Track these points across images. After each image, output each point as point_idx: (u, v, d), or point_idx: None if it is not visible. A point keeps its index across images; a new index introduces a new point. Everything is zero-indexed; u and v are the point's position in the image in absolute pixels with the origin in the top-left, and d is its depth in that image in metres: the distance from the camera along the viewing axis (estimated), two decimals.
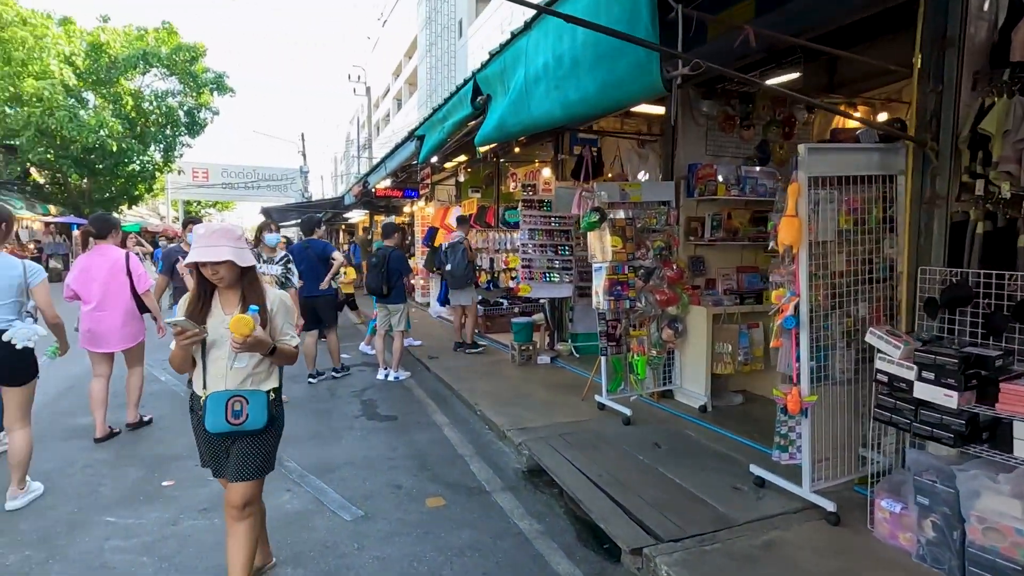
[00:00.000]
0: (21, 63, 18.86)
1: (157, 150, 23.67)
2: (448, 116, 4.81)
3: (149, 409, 4.92)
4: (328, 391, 5.64)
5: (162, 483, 3.42)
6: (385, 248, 6.06)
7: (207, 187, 33.69)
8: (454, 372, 6.04)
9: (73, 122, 19.07)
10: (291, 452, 3.95)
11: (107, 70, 21.11)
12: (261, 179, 30.93)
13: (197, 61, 22.79)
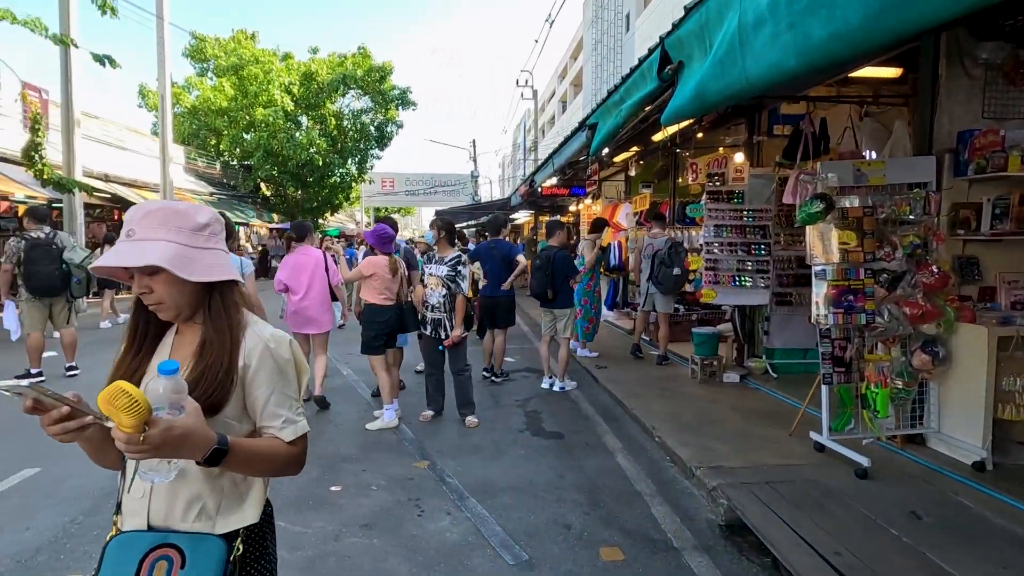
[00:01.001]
0: (254, 95, 22.56)
1: (353, 163, 26.67)
2: (626, 97, 4.21)
3: (331, 404, 5.13)
4: (492, 397, 5.40)
5: (331, 488, 3.37)
6: (550, 248, 5.66)
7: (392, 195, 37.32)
8: (626, 386, 5.41)
9: (290, 142, 22.30)
10: (452, 465, 3.70)
11: (315, 95, 24.28)
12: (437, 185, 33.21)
13: (386, 79, 25.15)
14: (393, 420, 4.47)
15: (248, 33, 24.66)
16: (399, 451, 3.97)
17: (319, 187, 25.71)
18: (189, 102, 23.85)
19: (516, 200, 14.01)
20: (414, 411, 4.85)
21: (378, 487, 3.38)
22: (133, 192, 15.18)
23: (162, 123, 15.14)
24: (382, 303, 4.53)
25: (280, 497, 3.23)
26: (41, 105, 13.10)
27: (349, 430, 4.41)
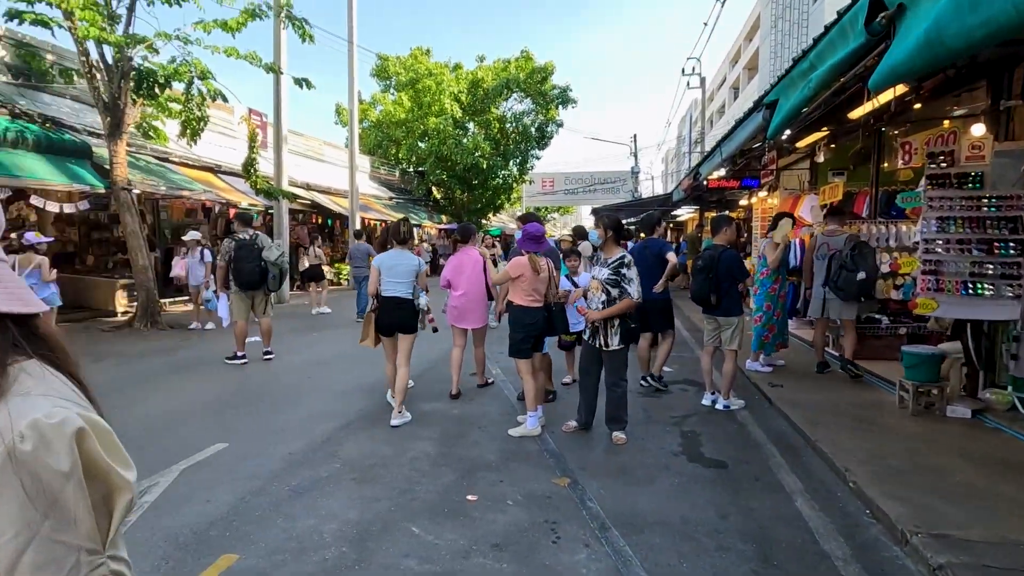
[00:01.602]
0: (428, 106, 24.39)
1: (515, 164, 27.50)
2: (818, 62, 3.47)
3: (476, 405, 5.12)
4: (644, 411, 4.93)
5: (467, 496, 3.25)
6: (715, 247, 4.98)
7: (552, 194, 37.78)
8: (808, 411, 4.55)
9: (458, 148, 23.70)
10: (594, 487, 3.36)
11: (481, 101, 25.48)
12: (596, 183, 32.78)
13: (547, 80, 25.46)
14: (536, 428, 4.27)
15: (424, 49, 26.74)
16: (539, 463, 3.75)
17: (483, 189, 26.93)
18: (375, 116, 26.63)
19: (679, 195, 13.06)
20: (560, 421, 4.61)
21: (514, 502, 3.18)
22: (328, 199, 17.29)
23: (351, 136, 17.00)
24: (529, 304, 4.35)
25: (418, 499, 3.20)
26: (260, 126, 15.53)
27: (491, 434, 4.31)
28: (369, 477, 3.50)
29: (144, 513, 3.00)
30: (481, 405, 5.09)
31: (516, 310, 4.38)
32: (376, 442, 4.13)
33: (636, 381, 5.71)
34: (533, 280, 4.31)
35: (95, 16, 7.84)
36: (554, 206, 41.27)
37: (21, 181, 7.98)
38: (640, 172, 32.95)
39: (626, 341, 4.14)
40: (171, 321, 9.57)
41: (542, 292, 4.40)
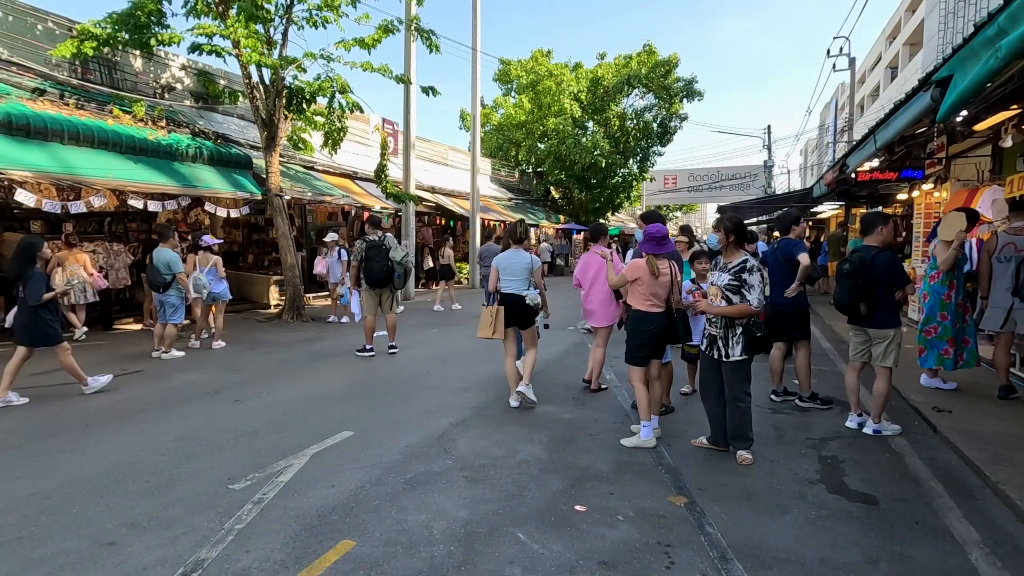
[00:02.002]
0: (547, 107, 24.53)
1: (635, 162, 26.72)
2: (1011, 25, 2.88)
3: (589, 410, 4.99)
4: (775, 429, 4.47)
5: (575, 506, 3.15)
6: (866, 249, 4.34)
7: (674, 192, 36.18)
8: (987, 445, 3.82)
9: (576, 147, 23.53)
10: (714, 510, 3.08)
11: (601, 99, 25.08)
12: (723, 179, 30.80)
13: (671, 73, 24.40)
14: (650, 439, 4.04)
15: (544, 51, 26.94)
16: (654, 478, 3.53)
17: (602, 188, 26.50)
18: (496, 120, 27.36)
19: (820, 190, 11.78)
20: (677, 433, 4.33)
21: (625, 518, 3.01)
22: (451, 201, 18.07)
23: (473, 140, 17.58)
24: (648, 310, 4.11)
25: (524, 504, 3.16)
26: (392, 134, 16.62)
27: (603, 442, 4.15)
28: (479, 477, 3.53)
29: (280, 492, 3.28)
30: (594, 411, 4.95)
31: (634, 315, 4.18)
32: (487, 442, 4.17)
33: (765, 396, 5.23)
34: (652, 284, 4.07)
35: (256, 43, 8.86)
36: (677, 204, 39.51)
37: (198, 190, 9.27)
38: (774, 166, 30.36)
39: (750, 352, 3.77)
40: (313, 314, 10.57)
41: (662, 296, 4.14)
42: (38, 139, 7.55)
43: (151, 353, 7.06)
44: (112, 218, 10.35)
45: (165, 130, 9.64)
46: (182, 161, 9.52)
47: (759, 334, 3.77)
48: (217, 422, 4.62)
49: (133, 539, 2.77)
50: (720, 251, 4.06)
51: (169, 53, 11.15)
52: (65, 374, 5.41)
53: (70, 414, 4.81)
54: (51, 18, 9.50)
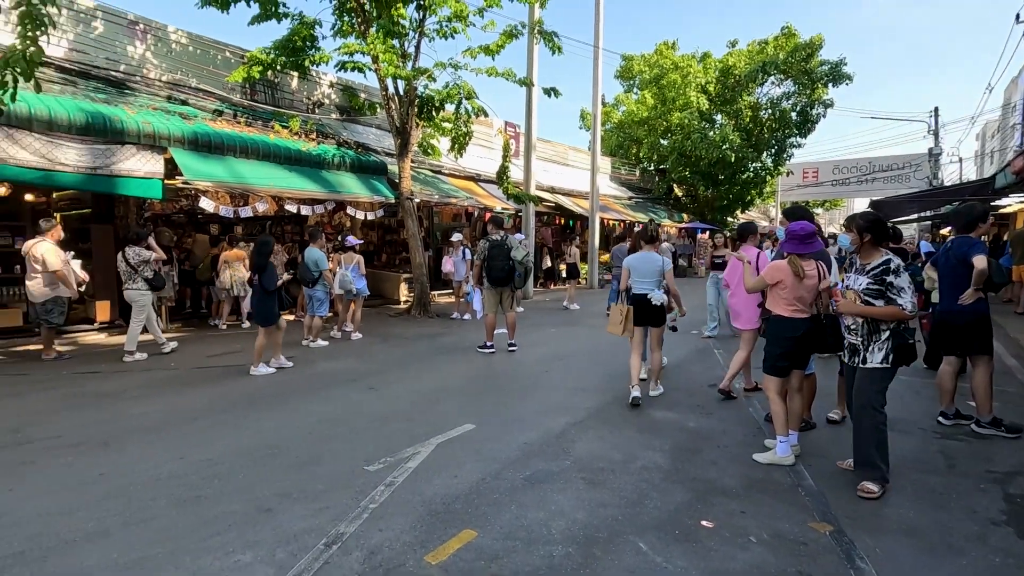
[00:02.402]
0: (672, 101, 23.55)
1: (768, 155, 24.73)
2: None
3: (715, 419, 4.69)
4: (944, 458, 3.86)
5: (701, 521, 2.96)
6: None
7: (816, 186, 32.94)
8: None
9: (703, 142, 22.27)
10: (869, 544, 2.73)
11: (732, 89, 23.53)
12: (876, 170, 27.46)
13: (813, 56, 22.23)
14: (788, 456, 3.69)
15: (669, 43, 25.90)
16: (792, 500, 3.21)
17: (730, 184, 24.89)
18: (617, 117, 26.84)
19: (1005, 179, 10.02)
20: (820, 451, 3.91)
21: (758, 540, 2.78)
22: (570, 201, 18.06)
23: (593, 139, 17.40)
24: (791, 315, 3.74)
25: (645, 513, 3.04)
26: (514, 137, 16.99)
27: (731, 455, 3.87)
28: (598, 480, 3.46)
29: (408, 477, 3.48)
30: (721, 421, 4.64)
31: (775, 321, 3.80)
32: (606, 444, 4.09)
33: (930, 418, 4.55)
34: (796, 287, 3.68)
35: (393, 57, 9.53)
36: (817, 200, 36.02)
37: (342, 195, 10.19)
38: (941, 154, 26.42)
39: (895, 362, 3.30)
40: (438, 311, 11.14)
41: (808, 301, 3.75)
42: (216, 153, 8.77)
43: (301, 341, 7.88)
44: (272, 221, 11.73)
45: (315, 142, 10.72)
46: (328, 169, 10.52)
47: (910, 341, 3.29)
48: (354, 407, 5.03)
49: (286, 508, 3.10)
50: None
51: (319, 72, 12.40)
52: (242, 355, 6.23)
53: (237, 393, 5.52)
54: (228, 48, 11.00)
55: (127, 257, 7.00)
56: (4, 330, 7.90)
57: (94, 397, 5.28)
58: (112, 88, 8.98)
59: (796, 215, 4.35)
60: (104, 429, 4.37)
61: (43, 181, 7.11)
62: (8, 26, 8.19)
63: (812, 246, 3.73)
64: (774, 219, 36.67)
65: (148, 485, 3.38)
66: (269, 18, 9.78)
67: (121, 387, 5.62)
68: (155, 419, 4.64)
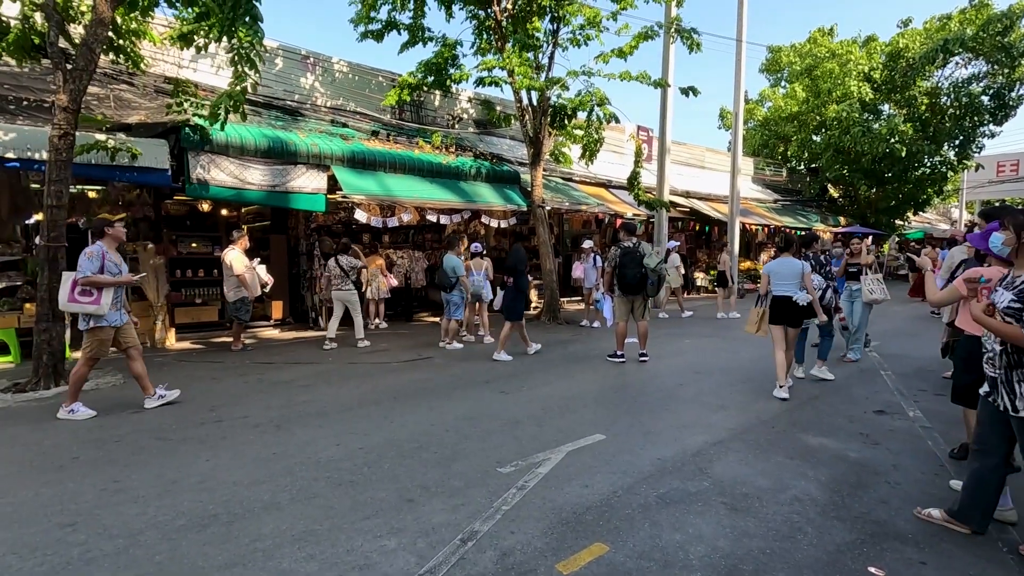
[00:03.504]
0: (827, 93, 21.29)
1: (951, 147, 21.32)
2: None
3: (883, 450, 4.12)
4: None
5: (869, 567, 2.59)
6: None
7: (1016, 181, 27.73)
8: None
9: (865, 136, 19.78)
10: None
11: (903, 75, 20.67)
12: None
13: (1014, 28, 18.75)
14: (1010, 511, 3.07)
15: (825, 30, 23.50)
16: (983, 552, 2.70)
17: (900, 182, 21.84)
18: (761, 114, 24.92)
19: None
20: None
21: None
22: (707, 205, 17.11)
23: (734, 139, 16.31)
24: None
25: (799, 550, 2.74)
26: (646, 141, 16.53)
27: (906, 495, 3.36)
28: (741, 506, 3.20)
29: (540, 482, 3.51)
30: (891, 453, 4.06)
31: (966, 341, 3.23)
32: (749, 468, 3.77)
33: None
34: None
35: (527, 70, 9.79)
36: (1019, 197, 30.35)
37: (477, 204, 10.67)
38: None
39: None
40: (567, 317, 11.17)
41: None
42: (369, 169, 9.66)
43: (438, 344, 8.35)
44: (415, 230, 12.64)
45: (454, 154, 11.36)
46: (465, 180, 11.08)
47: None
48: (488, 409, 5.20)
49: (426, 500, 3.28)
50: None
51: (458, 89, 13.13)
52: (388, 353, 6.76)
53: (383, 388, 5.99)
54: (381, 74, 12.10)
55: (341, 264, 8.21)
56: (206, 324, 9.41)
57: (271, 384, 6.07)
58: (287, 116, 10.32)
59: (995, 216, 3.67)
60: (279, 414, 5.00)
61: (235, 198, 8.38)
62: (213, 67, 9.82)
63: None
64: (956, 221, 31.43)
65: (311, 466, 3.79)
66: (416, 43, 10.58)
67: (293, 376, 6.40)
68: (318, 407, 5.20)
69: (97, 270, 4.83)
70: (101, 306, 4.82)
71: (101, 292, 4.83)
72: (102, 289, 4.83)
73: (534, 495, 3.33)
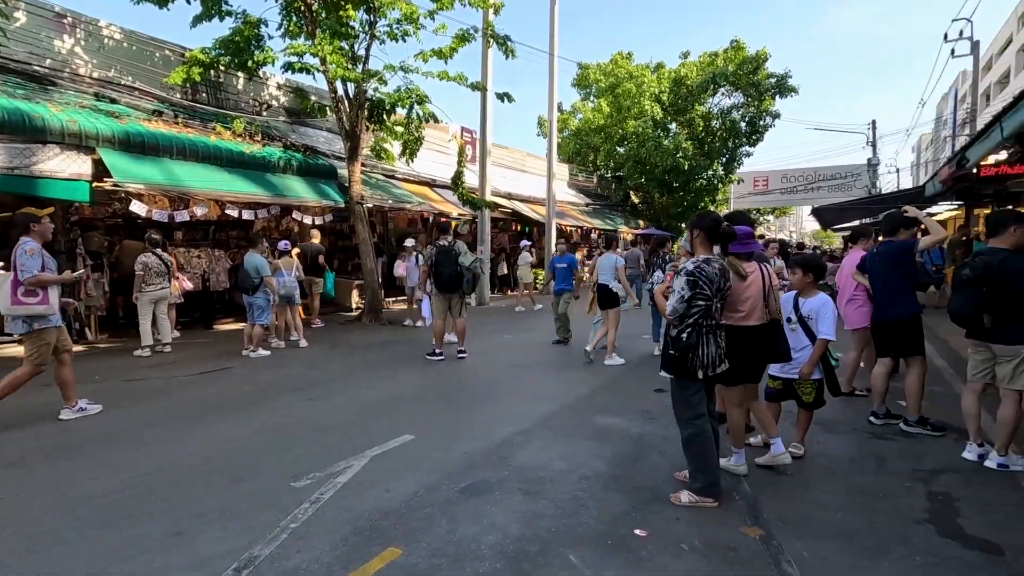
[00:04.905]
0: (627, 109, 23.97)
1: (719, 164, 25.46)
2: None
3: (661, 424, 4.69)
4: (875, 458, 3.95)
5: (635, 530, 2.91)
6: (993, 253, 3.74)
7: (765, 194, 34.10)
8: None
9: (657, 150, 22.76)
10: (797, 547, 2.73)
11: (684, 99, 24.15)
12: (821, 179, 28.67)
13: (760, 69, 23.06)
14: (742, 466, 3.62)
15: (624, 53, 26.41)
16: (728, 506, 3.20)
17: (685, 191, 25.47)
18: (574, 125, 27.13)
19: (934, 188, 10.57)
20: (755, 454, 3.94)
21: (690, 548, 2.74)
22: (527, 207, 18.07)
23: (549, 145, 17.50)
24: (736, 323, 3.52)
25: (582, 524, 2.97)
26: (470, 143, 16.90)
27: (673, 461, 3.82)
28: (536, 490, 3.37)
29: (336, 493, 3.31)
30: (665, 426, 4.64)
31: (728, 331, 3.51)
32: (551, 453, 4.01)
33: (862, 418, 4.68)
34: (738, 290, 3.49)
35: (341, 59, 9.30)
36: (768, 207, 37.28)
37: (287, 199, 9.86)
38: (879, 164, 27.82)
39: (664, 368, 3.28)
40: (390, 317, 10.90)
41: (755, 306, 3.51)
42: (151, 155, 8.34)
43: (242, 352, 7.53)
44: (216, 226, 11.25)
45: (260, 143, 10.35)
46: (274, 172, 10.17)
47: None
48: (292, 420, 4.80)
49: (202, 530, 2.88)
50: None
51: (266, 73, 12.01)
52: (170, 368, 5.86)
53: (167, 408, 5.19)
54: (167, 47, 10.52)
55: (163, 259, 7.67)
56: None
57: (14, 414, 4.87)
58: (33, 84, 8.44)
59: (737, 220, 4.41)
60: (18, 448, 4.02)
61: None
62: None
63: (750, 245, 3.66)
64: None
65: (55, 509, 3.10)
66: (212, 17, 9.40)
67: (47, 400, 5.20)
68: (75, 437, 4.30)
69: (40, 268, 4.55)
70: (51, 305, 4.61)
71: (47, 291, 4.60)
72: (47, 288, 4.59)
73: (329, 507, 3.13)
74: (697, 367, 3.13)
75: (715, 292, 3.13)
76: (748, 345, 3.49)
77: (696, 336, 3.13)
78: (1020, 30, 34.87)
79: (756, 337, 3.51)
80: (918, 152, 55.21)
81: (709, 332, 3.16)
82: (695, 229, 3.28)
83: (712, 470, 3.21)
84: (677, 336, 3.18)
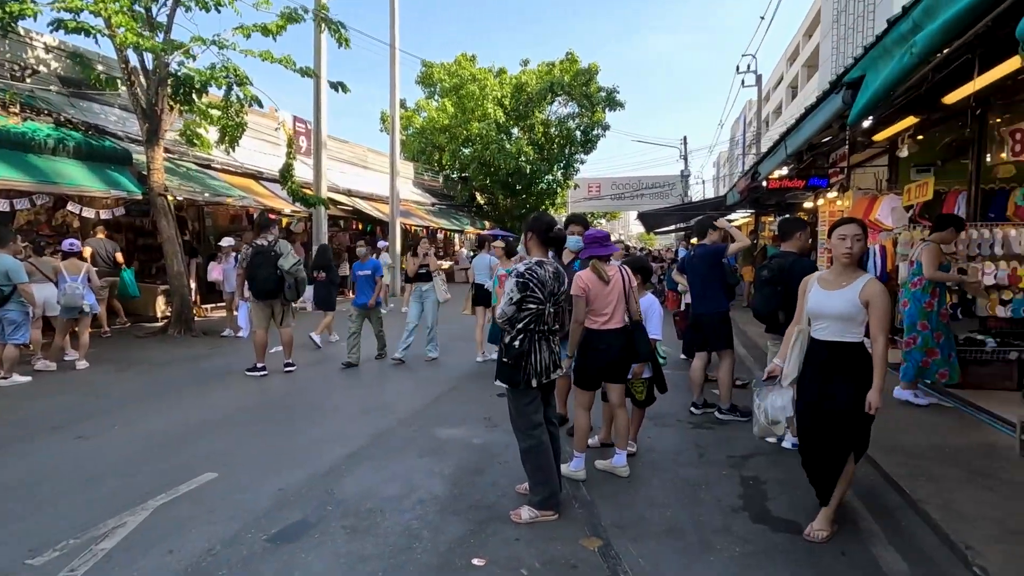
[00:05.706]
0: (471, 111, 24.10)
1: (559, 169, 26.84)
2: (926, 19, 2.72)
3: (503, 432, 4.53)
4: (696, 448, 4.21)
5: (473, 560, 2.66)
6: (784, 256, 4.21)
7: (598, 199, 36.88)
8: (909, 458, 3.72)
9: (501, 153, 23.22)
10: (631, 553, 2.70)
11: (525, 105, 24.99)
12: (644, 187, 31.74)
13: (592, 82, 24.73)
14: (580, 471, 3.57)
15: (468, 55, 26.55)
16: (567, 516, 3.10)
17: (527, 194, 26.38)
18: (419, 123, 26.59)
19: (733, 198, 12.12)
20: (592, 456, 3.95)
21: (529, 571, 2.56)
22: (370, 205, 17.17)
23: (391, 141, 16.80)
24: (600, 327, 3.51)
25: (413, 561, 2.63)
26: (304, 134, 15.57)
27: (514, 474, 3.63)
28: (363, 527, 2.96)
29: (95, 565, 2.56)
30: (507, 432, 4.45)
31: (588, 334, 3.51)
32: (382, 476, 3.61)
33: (685, 409, 5.01)
34: (601, 294, 3.43)
35: (132, 23, 7.80)
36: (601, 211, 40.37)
37: (58, 187, 8.01)
38: (690, 175, 31.66)
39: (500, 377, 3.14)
40: (205, 327, 9.47)
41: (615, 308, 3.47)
42: None
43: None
44: None
45: (19, 117, 8.29)
46: (41, 153, 8.21)
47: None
48: (48, 467, 3.75)
49: None
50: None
51: (32, 31, 9.71)
52: None
53: None
54: None
55: None
56: None
57: None
58: None
59: (575, 221, 4.44)
60: None
61: None
62: None
63: (610, 248, 3.62)
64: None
65: None
66: None
67: None
68: None
69: None
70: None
71: None
72: None
73: None
74: (531, 375, 3.00)
75: (547, 296, 3.01)
76: (611, 348, 3.47)
77: (528, 343, 2.99)
78: (788, 69, 42.31)
79: (618, 340, 3.49)
80: (718, 167, 64.20)
81: (542, 338, 3.04)
82: (528, 232, 3.18)
83: (551, 482, 3.09)
84: (510, 343, 3.01)
